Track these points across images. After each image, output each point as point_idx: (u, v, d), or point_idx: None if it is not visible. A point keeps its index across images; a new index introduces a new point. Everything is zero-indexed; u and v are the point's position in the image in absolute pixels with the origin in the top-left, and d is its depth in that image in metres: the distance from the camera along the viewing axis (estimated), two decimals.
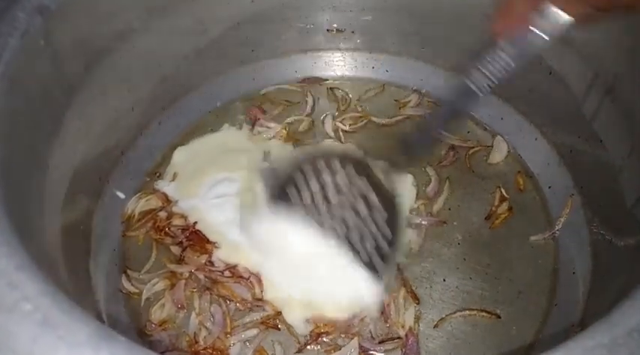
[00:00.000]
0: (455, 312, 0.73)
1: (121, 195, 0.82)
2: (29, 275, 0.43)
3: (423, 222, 0.80)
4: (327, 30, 0.96)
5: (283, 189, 0.71)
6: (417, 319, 0.72)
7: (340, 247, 0.68)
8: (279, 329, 0.72)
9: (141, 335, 0.72)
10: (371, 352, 0.70)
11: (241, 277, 0.74)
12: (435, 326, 0.72)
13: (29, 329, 0.40)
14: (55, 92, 0.68)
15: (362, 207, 0.70)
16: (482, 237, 0.80)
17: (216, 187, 0.81)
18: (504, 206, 0.82)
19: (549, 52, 0.78)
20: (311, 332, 0.71)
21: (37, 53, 0.64)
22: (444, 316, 0.72)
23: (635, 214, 0.67)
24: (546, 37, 0.54)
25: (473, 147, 0.89)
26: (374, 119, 0.93)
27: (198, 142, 0.89)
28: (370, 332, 0.71)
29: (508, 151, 0.87)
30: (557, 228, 0.79)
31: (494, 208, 0.82)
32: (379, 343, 0.70)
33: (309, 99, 0.95)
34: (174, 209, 0.81)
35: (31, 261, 0.44)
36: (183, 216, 0.80)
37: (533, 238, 0.79)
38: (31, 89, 0.63)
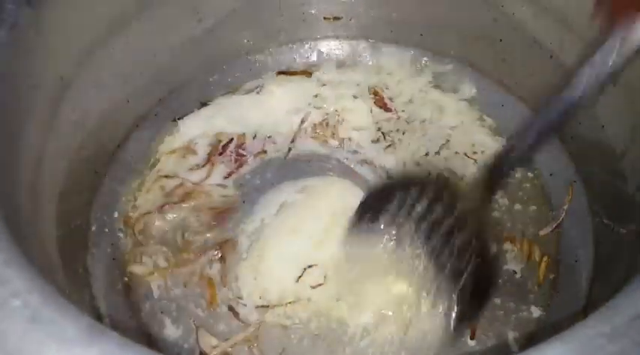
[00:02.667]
0: None
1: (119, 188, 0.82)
2: (18, 270, 0.42)
3: None
4: (324, 18, 0.95)
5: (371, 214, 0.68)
6: None
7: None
8: None
9: (140, 330, 0.72)
10: None
11: None
12: None
13: (18, 326, 0.39)
14: (47, 85, 0.67)
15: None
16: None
17: None
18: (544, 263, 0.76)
19: (550, 35, 0.76)
20: None
21: (27, 45, 0.63)
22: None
23: (638, 200, 0.66)
24: None
25: None
26: None
27: None
28: None
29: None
30: (561, 217, 0.78)
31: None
32: None
33: None
34: None
35: (21, 256, 0.44)
36: None
37: (542, 232, 0.78)
38: (22, 82, 0.62)
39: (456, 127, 0.88)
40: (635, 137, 0.68)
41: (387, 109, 0.90)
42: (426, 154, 0.85)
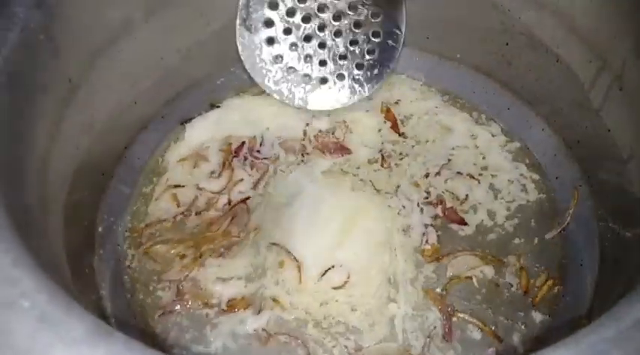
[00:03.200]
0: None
1: (126, 190, 0.83)
2: (26, 271, 0.43)
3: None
4: None
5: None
6: None
7: None
8: None
9: (146, 331, 0.72)
10: None
11: None
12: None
13: (27, 326, 0.40)
14: (56, 87, 0.67)
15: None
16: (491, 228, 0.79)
17: None
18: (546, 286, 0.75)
19: (556, 39, 0.76)
20: None
21: (36, 48, 0.63)
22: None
23: None
24: None
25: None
26: None
27: None
28: None
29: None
30: (567, 221, 0.78)
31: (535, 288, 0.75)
32: None
33: None
34: None
35: (29, 256, 0.44)
36: None
37: (547, 236, 0.78)
38: (31, 84, 0.63)
39: (460, 147, 0.88)
40: None
41: (397, 131, 0.90)
42: (426, 175, 0.85)
